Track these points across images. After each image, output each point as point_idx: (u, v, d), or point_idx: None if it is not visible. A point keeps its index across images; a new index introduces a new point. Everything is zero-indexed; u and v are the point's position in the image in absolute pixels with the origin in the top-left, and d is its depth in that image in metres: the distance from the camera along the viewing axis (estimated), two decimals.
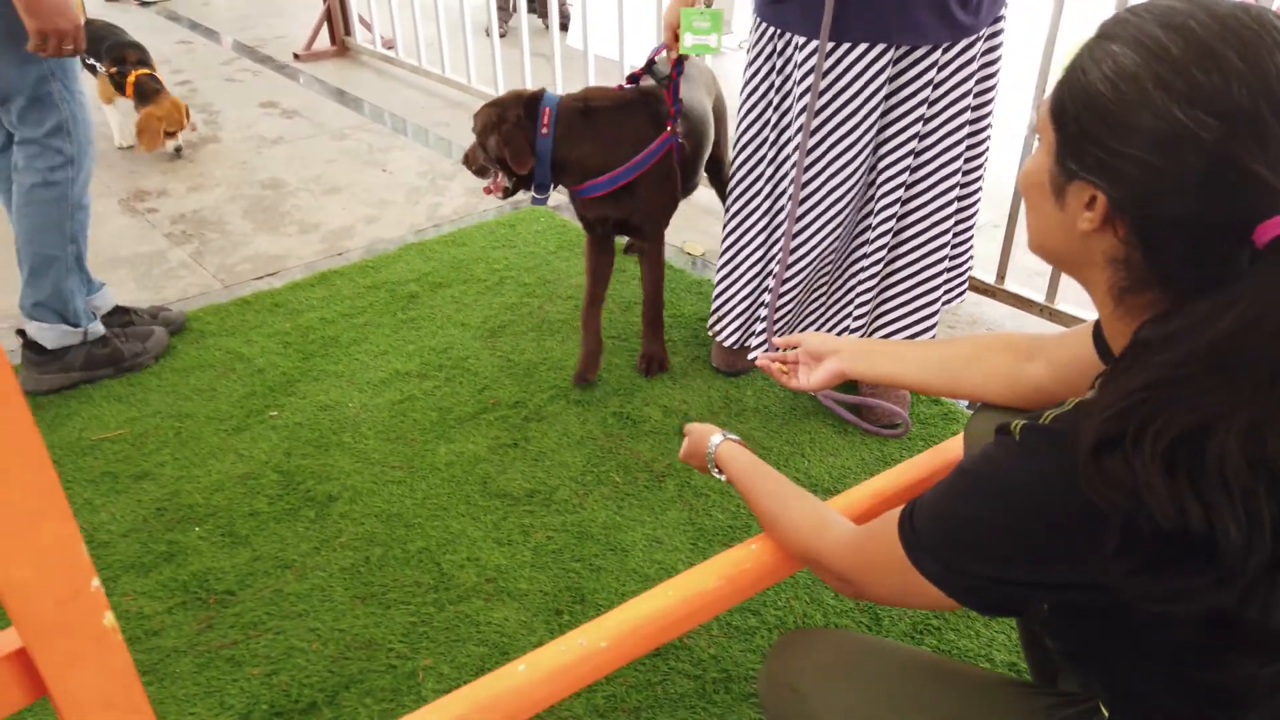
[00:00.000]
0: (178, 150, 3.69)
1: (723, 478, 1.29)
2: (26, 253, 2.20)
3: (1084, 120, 0.79)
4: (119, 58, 3.61)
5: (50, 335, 2.25)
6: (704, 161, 2.37)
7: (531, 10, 5.07)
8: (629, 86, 2.17)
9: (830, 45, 1.82)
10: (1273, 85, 0.71)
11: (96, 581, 0.69)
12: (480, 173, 2.20)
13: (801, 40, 1.87)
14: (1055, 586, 0.82)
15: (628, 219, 2.18)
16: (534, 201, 2.20)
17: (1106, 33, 0.79)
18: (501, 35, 4.48)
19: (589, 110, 2.09)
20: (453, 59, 4.37)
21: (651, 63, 2.18)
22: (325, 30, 5.00)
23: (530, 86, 3.87)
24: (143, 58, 3.64)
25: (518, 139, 2.06)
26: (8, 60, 2.03)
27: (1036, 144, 0.88)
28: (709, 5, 1.98)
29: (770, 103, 2.01)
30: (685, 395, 2.25)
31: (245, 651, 1.61)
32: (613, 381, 2.29)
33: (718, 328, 2.28)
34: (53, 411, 2.21)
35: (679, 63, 2.08)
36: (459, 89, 4.34)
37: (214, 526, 1.87)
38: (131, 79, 3.55)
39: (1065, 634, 0.95)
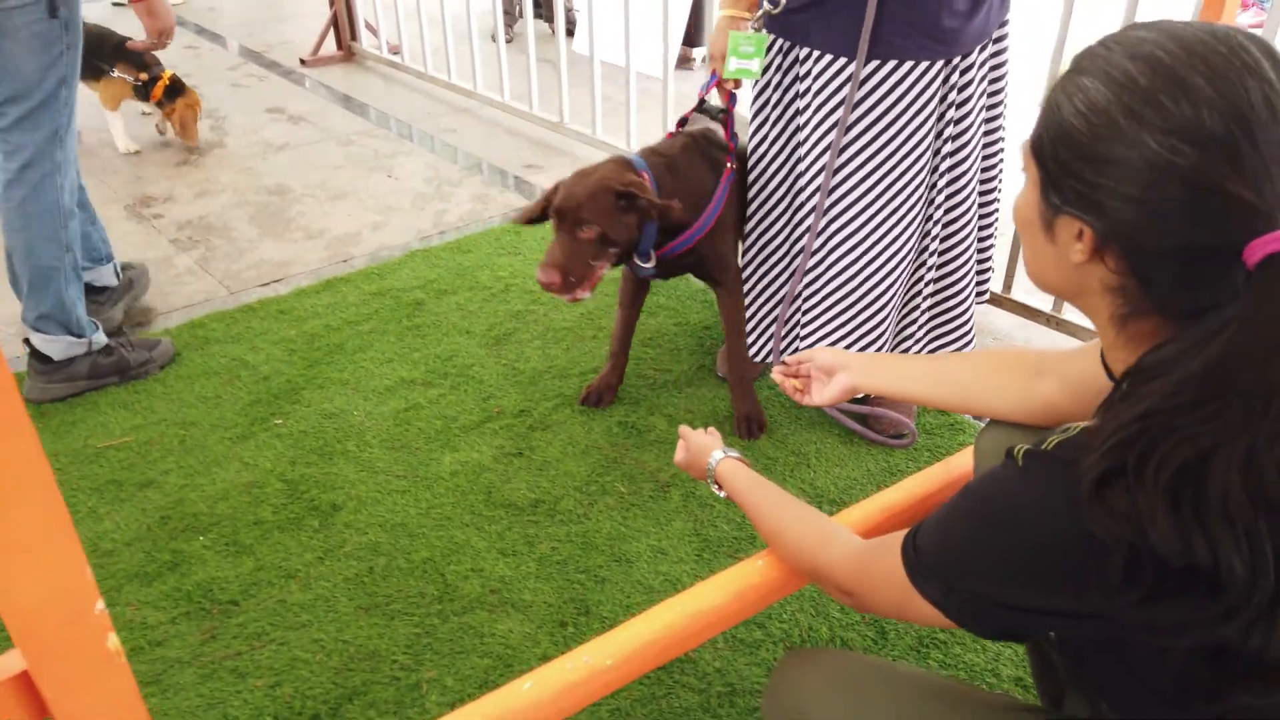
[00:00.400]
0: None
1: (722, 494, 1.28)
2: (24, 268, 2.19)
3: (1061, 155, 0.79)
4: (142, 63, 3.66)
5: (55, 347, 2.25)
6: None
7: (537, 16, 5.07)
8: (681, 131, 2.10)
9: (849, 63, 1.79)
10: (1243, 109, 0.71)
11: (101, 604, 0.68)
12: (570, 285, 1.88)
13: (809, 53, 1.84)
14: (1054, 614, 0.82)
15: (697, 265, 2.09)
16: (641, 274, 2.07)
17: (1078, 67, 0.80)
18: (508, 41, 4.49)
19: (672, 165, 1.99)
20: (459, 64, 4.37)
21: (702, 101, 2.13)
22: (332, 36, 5.00)
23: (536, 92, 3.90)
24: (158, 60, 3.72)
25: (620, 213, 1.86)
26: (35, 62, 2.04)
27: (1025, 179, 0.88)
28: (757, 30, 1.90)
29: (777, 118, 1.99)
30: (690, 404, 2.25)
31: (249, 663, 1.61)
32: (618, 390, 2.29)
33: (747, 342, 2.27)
34: (58, 419, 2.21)
35: (731, 96, 2.03)
36: (465, 95, 4.34)
37: (218, 536, 1.87)
38: (165, 80, 3.63)
39: (1070, 657, 0.94)
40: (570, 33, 4.97)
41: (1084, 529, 0.74)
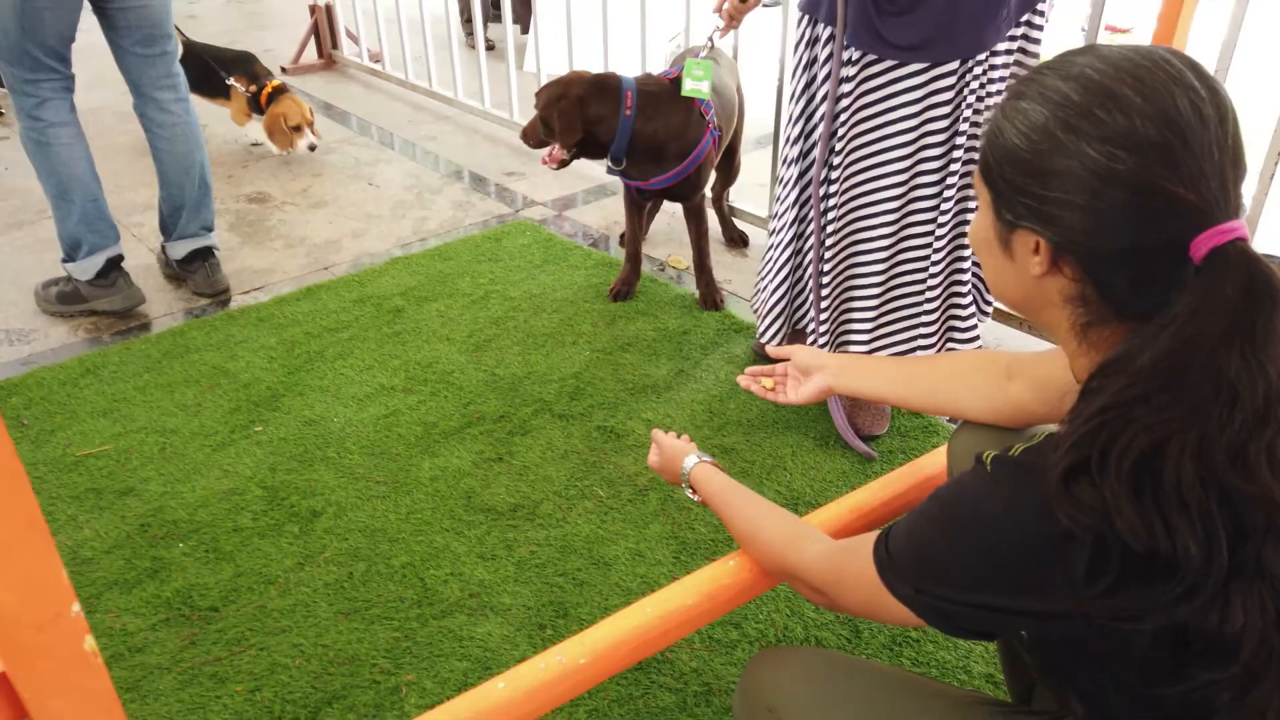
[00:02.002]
0: (312, 148, 3.72)
1: (696, 498, 1.31)
2: (199, 179, 2.71)
3: (1009, 174, 0.84)
4: (252, 73, 3.71)
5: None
6: (729, 137, 2.71)
7: (514, 21, 5.09)
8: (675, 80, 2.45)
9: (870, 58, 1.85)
10: (1173, 115, 0.75)
11: (77, 606, 0.70)
12: (539, 145, 2.58)
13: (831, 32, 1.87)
14: (1021, 614, 0.85)
15: (677, 191, 2.58)
16: (609, 171, 2.57)
17: (1015, 93, 0.85)
18: (489, 48, 4.50)
19: (655, 99, 2.43)
20: (439, 72, 4.39)
21: (675, 80, 2.46)
22: (313, 43, 5.01)
23: (515, 98, 3.92)
24: (268, 71, 3.82)
25: (571, 116, 2.40)
26: (170, 7, 2.51)
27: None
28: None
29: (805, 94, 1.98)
30: (669, 409, 2.27)
31: (228, 668, 1.62)
32: (596, 395, 2.31)
33: (761, 327, 2.26)
34: (37, 428, 2.21)
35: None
36: (446, 102, 4.35)
37: (198, 543, 1.88)
38: (269, 90, 3.68)
39: (1039, 654, 0.97)
40: None
41: (1050, 532, 0.77)
